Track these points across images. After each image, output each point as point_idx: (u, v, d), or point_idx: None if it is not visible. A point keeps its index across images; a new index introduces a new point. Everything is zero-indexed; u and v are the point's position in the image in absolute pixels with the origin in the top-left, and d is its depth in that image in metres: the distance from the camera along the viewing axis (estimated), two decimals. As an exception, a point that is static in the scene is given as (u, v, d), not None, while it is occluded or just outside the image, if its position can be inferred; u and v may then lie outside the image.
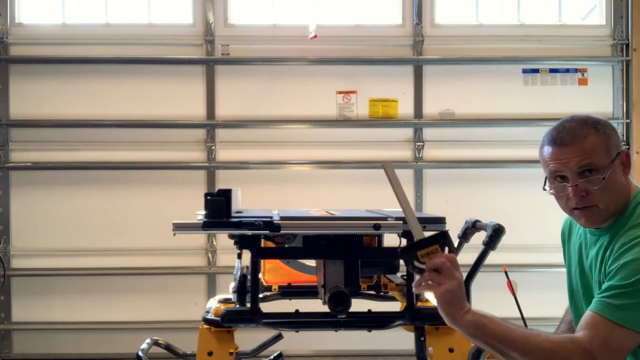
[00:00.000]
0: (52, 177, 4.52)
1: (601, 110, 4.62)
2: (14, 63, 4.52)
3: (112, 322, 4.49)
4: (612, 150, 1.65)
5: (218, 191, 2.20)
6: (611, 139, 1.66)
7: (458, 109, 4.60)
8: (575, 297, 1.87)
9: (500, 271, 2.22)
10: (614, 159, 1.64)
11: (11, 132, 4.53)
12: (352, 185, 4.55)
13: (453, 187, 4.58)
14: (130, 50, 4.52)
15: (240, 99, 4.56)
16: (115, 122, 4.50)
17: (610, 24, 4.65)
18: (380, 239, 2.48)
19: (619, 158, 1.66)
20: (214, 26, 4.55)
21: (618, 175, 1.66)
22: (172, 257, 4.50)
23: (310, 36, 4.40)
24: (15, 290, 4.52)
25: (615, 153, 1.65)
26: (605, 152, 1.64)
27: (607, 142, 1.65)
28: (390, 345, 4.39)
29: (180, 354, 2.71)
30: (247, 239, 2.21)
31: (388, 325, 2.27)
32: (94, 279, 4.51)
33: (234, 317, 2.23)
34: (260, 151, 4.55)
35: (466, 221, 2.42)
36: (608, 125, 1.68)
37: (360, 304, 2.41)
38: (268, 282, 2.65)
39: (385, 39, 4.62)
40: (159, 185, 4.54)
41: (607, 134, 1.66)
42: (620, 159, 1.66)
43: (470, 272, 2.36)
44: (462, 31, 4.64)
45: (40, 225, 4.51)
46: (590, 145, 1.63)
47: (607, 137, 1.65)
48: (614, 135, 1.68)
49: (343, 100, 4.58)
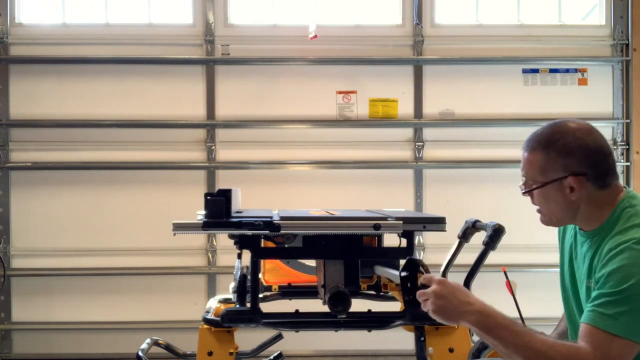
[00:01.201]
0: (52, 177, 4.52)
1: (601, 110, 4.63)
2: (14, 63, 4.52)
3: (112, 322, 4.49)
4: (549, 173, 1.69)
5: (218, 191, 2.20)
6: (554, 164, 1.68)
7: (458, 109, 4.60)
8: (566, 294, 1.89)
9: (500, 271, 2.22)
10: (548, 182, 1.69)
11: (11, 132, 4.53)
12: (352, 185, 4.55)
13: (453, 187, 4.58)
14: (130, 50, 4.52)
15: (240, 99, 4.56)
16: (115, 122, 4.50)
17: (610, 24, 4.65)
18: (380, 239, 2.48)
19: (560, 183, 1.68)
20: (214, 26, 4.55)
21: (556, 197, 1.70)
22: (172, 257, 4.50)
23: (310, 36, 4.40)
24: (15, 290, 4.52)
25: (555, 178, 1.69)
26: (539, 172, 1.71)
27: (547, 165, 1.70)
28: (390, 345, 4.39)
29: (180, 354, 2.72)
30: (247, 239, 2.21)
31: (388, 325, 2.28)
32: (94, 279, 4.51)
33: (234, 317, 2.23)
34: (260, 151, 4.55)
35: (466, 221, 2.42)
36: (565, 148, 1.68)
37: (360, 304, 2.41)
38: (268, 282, 2.65)
39: (385, 39, 4.62)
40: (159, 185, 4.54)
41: (551, 157, 1.69)
42: (561, 184, 1.69)
43: (470, 272, 2.36)
44: (462, 31, 4.64)
45: (40, 225, 4.51)
46: (530, 159, 1.74)
47: (550, 160, 1.69)
48: (566, 159, 1.67)
49: (343, 100, 4.58)
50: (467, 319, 1.67)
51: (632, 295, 1.52)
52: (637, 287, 1.52)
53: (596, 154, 1.68)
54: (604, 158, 1.69)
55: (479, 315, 1.65)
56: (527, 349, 1.58)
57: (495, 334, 1.63)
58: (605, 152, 1.70)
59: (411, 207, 4.54)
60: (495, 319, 1.64)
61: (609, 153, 1.72)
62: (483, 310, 1.66)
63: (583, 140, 1.68)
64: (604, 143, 1.72)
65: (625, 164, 4.58)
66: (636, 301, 1.52)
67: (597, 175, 1.68)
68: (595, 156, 1.68)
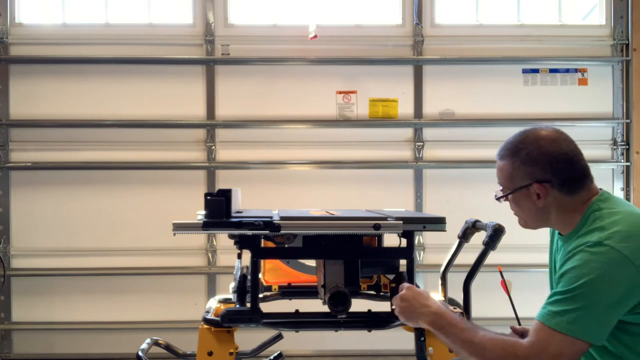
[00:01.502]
0: (52, 177, 4.52)
1: (601, 110, 4.63)
2: (14, 63, 4.53)
3: (112, 322, 4.50)
4: (516, 180, 1.78)
5: (218, 191, 2.20)
6: (519, 172, 1.77)
7: (458, 109, 4.61)
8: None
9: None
10: (516, 189, 1.78)
11: (11, 132, 4.53)
12: (352, 185, 4.55)
13: (453, 187, 4.58)
14: (130, 50, 4.52)
15: (240, 99, 4.56)
16: (115, 122, 4.50)
17: (610, 24, 4.65)
18: (380, 239, 2.48)
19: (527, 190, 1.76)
20: (214, 26, 4.55)
21: (525, 202, 1.79)
22: (172, 257, 4.50)
23: (310, 36, 4.40)
24: (15, 290, 4.52)
25: (521, 185, 1.77)
26: (508, 180, 1.81)
27: (514, 173, 1.79)
28: (390, 345, 4.39)
29: (180, 354, 2.71)
30: (247, 239, 2.21)
31: (388, 325, 2.27)
32: (94, 279, 4.51)
33: (234, 317, 2.23)
34: (260, 151, 4.55)
35: (466, 221, 2.42)
36: (528, 157, 1.75)
37: (360, 304, 2.41)
38: (268, 282, 2.65)
39: (385, 39, 4.62)
40: (159, 185, 4.54)
41: (516, 166, 1.78)
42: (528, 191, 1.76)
43: (470, 272, 2.36)
44: (462, 31, 4.64)
45: (40, 225, 4.51)
46: (500, 167, 1.84)
47: (515, 169, 1.78)
48: (529, 168, 1.75)
49: (343, 100, 4.58)
50: (423, 319, 1.82)
51: (579, 295, 1.57)
52: (584, 287, 1.57)
53: (559, 162, 1.74)
54: (568, 165, 1.74)
55: (433, 315, 1.80)
56: (470, 343, 1.69)
57: (446, 331, 1.76)
58: (571, 160, 1.75)
59: (411, 207, 4.54)
60: (446, 318, 1.77)
61: (577, 160, 1.76)
62: (437, 311, 1.80)
63: (546, 149, 1.74)
64: (570, 151, 1.76)
65: (625, 164, 4.59)
66: (582, 300, 1.56)
67: (562, 182, 1.74)
68: (559, 164, 1.74)
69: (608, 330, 1.59)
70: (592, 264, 1.58)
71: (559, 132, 1.80)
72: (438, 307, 1.82)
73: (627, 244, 1.59)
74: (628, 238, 1.60)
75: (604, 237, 1.61)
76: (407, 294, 1.89)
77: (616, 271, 1.57)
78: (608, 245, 1.59)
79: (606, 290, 1.56)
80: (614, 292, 1.56)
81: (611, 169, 4.62)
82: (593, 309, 1.56)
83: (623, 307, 1.58)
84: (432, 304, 1.83)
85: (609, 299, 1.56)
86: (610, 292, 1.56)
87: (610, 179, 4.62)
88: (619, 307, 1.58)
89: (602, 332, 1.59)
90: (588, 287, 1.57)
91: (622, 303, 1.58)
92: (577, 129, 4.62)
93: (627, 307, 1.59)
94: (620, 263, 1.57)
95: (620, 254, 1.58)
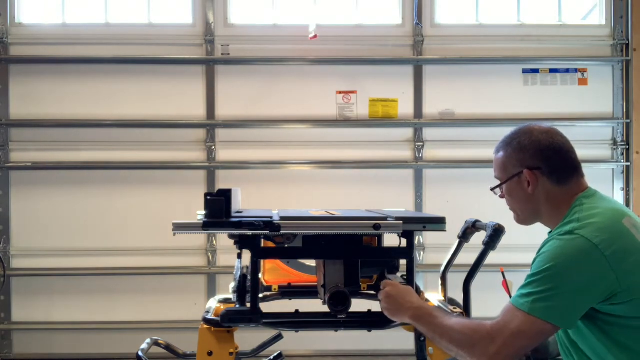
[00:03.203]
0: (52, 177, 4.52)
1: (601, 110, 4.63)
2: (14, 63, 4.53)
3: (112, 322, 4.50)
4: (509, 169, 1.86)
5: (218, 191, 2.19)
6: (512, 160, 1.85)
7: (458, 109, 4.61)
8: None
9: (499, 272, 2.22)
10: (510, 177, 1.85)
11: (11, 132, 4.53)
12: (352, 185, 4.55)
13: (453, 187, 4.58)
14: (130, 50, 4.52)
15: (240, 99, 4.56)
16: (116, 122, 4.50)
17: (610, 24, 4.65)
18: (380, 239, 2.48)
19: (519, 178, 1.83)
20: (214, 26, 4.55)
21: (517, 192, 1.85)
22: (172, 257, 4.50)
23: (310, 36, 4.40)
24: (15, 290, 4.52)
25: (514, 173, 1.84)
26: (503, 171, 1.89)
27: (507, 162, 1.87)
28: (390, 345, 4.39)
29: (180, 354, 2.71)
30: (247, 239, 2.20)
31: (388, 325, 2.27)
32: (94, 279, 4.51)
33: (234, 317, 2.23)
34: (260, 151, 4.55)
35: (466, 221, 2.42)
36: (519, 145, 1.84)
37: (360, 304, 2.41)
38: (268, 282, 2.65)
39: (385, 39, 4.62)
40: (159, 185, 4.54)
41: (509, 154, 1.86)
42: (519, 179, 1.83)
43: (470, 272, 2.36)
44: (462, 31, 4.64)
45: (40, 225, 4.51)
46: (496, 160, 1.92)
47: (508, 157, 1.86)
48: (520, 155, 1.83)
49: (343, 100, 4.58)
50: (406, 314, 1.93)
51: (544, 278, 1.63)
52: (550, 271, 1.63)
53: (549, 150, 1.80)
54: (557, 154, 1.81)
55: (415, 310, 1.91)
56: (442, 329, 1.80)
57: (424, 321, 1.87)
58: (561, 149, 1.81)
59: (411, 207, 4.54)
60: (426, 311, 1.88)
61: (566, 151, 1.82)
62: (419, 307, 1.91)
63: (537, 137, 1.82)
64: (562, 143, 1.82)
65: (626, 164, 4.59)
66: (546, 284, 1.62)
67: (551, 170, 1.80)
68: (548, 152, 1.80)
69: (573, 315, 1.63)
70: (560, 250, 1.64)
71: (553, 128, 1.87)
72: (420, 303, 1.93)
73: (598, 234, 1.63)
74: (601, 229, 1.64)
75: (577, 227, 1.66)
76: (391, 291, 2.00)
77: (583, 259, 1.61)
78: (578, 234, 1.64)
79: (571, 275, 1.61)
80: (579, 279, 1.60)
81: (611, 169, 4.62)
82: (556, 292, 1.61)
83: (591, 294, 1.61)
84: (415, 301, 1.94)
85: (574, 284, 1.60)
86: (575, 278, 1.61)
87: (610, 179, 4.62)
88: (585, 294, 1.61)
89: (564, 315, 1.62)
90: (553, 271, 1.62)
91: (589, 290, 1.61)
92: (577, 129, 4.62)
93: (597, 296, 1.61)
94: (588, 251, 1.61)
95: (590, 242, 1.62)
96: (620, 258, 1.61)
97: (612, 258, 1.60)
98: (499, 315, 1.71)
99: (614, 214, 1.70)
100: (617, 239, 1.63)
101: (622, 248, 1.62)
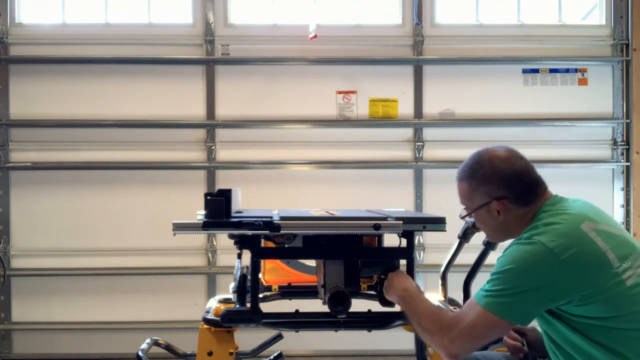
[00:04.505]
0: (52, 177, 4.52)
1: (601, 110, 4.63)
2: (14, 63, 4.52)
3: (112, 322, 4.49)
4: (476, 200, 1.94)
5: (218, 191, 2.19)
6: (478, 192, 1.92)
7: (458, 109, 4.61)
8: None
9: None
10: (477, 207, 1.94)
11: (11, 132, 4.53)
12: (352, 185, 4.55)
13: (453, 187, 4.55)
14: (130, 50, 4.52)
15: (240, 99, 4.56)
16: (115, 122, 4.50)
17: (610, 24, 4.65)
18: (380, 239, 2.48)
19: (488, 207, 1.91)
20: (214, 26, 4.55)
21: (488, 219, 1.94)
22: (172, 257, 4.50)
23: (310, 36, 4.40)
24: (15, 290, 4.52)
25: (481, 203, 1.92)
26: (469, 200, 1.97)
27: (473, 193, 1.95)
28: (390, 345, 4.39)
29: (180, 354, 2.71)
30: (247, 239, 2.21)
31: (388, 325, 2.27)
32: (94, 279, 4.51)
33: (234, 317, 2.23)
34: (260, 151, 4.55)
35: (466, 221, 2.42)
36: (483, 177, 1.91)
37: (360, 304, 2.41)
38: (268, 282, 2.65)
39: (385, 39, 4.62)
40: (159, 185, 4.54)
41: (474, 187, 1.93)
42: (488, 208, 1.91)
43: (470, 272, 2.37)
44: (462, 31, 4.64)
45: (40, 225, 4.51)
46: (460, 188, 2.00)
47: (473, 189, 1.94)
48: (486, 187, 1.90)
49: (343, 100, 4.58)
50: (396, 293, 2.07)
51: (503, 278, 1.74)
52: (507, 273, 1.74)
53: (512, 177, 1.89)
54: (520, 179, 1.89)
55: (403, 291, 2.05)
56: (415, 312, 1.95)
57: (406, 303, 2.01)
58: (523, 174, 1.90)
59: (411, 207, 4.54)
60: (410, 292, 2.02)
61: (528, 173, 1.91)
62: (406, 288, 2.05)
63: (498, 167, 1.90)
64: (522, 166, 1.91)
65: (626, 164, 4.58)
66: (505, 283, 1.73)
67: (517, 196, 1.88)
68: (512, 180, 1.89)
69: (525, 313, 1.74)
70: (519, 254, 1.75)
71: (509, 150, 1.95)
72: (411, 286, 2.07)
73: (554, 239, 1.72)
74: (558, 235, 1.73)
75: (535, 233, 1.77)
76: (392, 274, 2.17)
77: (539, 263, 1.71)
78: (536, 240, 1.74)
79: (526, 277, 1.71)
80: (533, 281, 1.71)
81: (611, 169, 4.62)
82: (512, 292, 1.72)
83: (545, 296, 1.71)
84: (407, 284, 2.08)
85: (528, 285, 1.71)
86: (530, 280, 1.71)
87: (610, 179, 4.62)
88: (538, 295, 1.71)
89: (517, 313, 1.73)
90: (510, 273, 1.73)
91: (542, 292, 1.71)
92: (577, 129, 4.62)
93: (553, 297, 1.72)
94: (544, 256, 1.71)
95: (545, 247, 1.71)
96: (577, 262, 1.70)
97: (568, 262, 1.69)
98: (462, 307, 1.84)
99: (574, 218, 1.78)
100: (574, 243, 1.72)
101: (579, 252, 1.71)
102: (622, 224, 4.60)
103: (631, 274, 1.73)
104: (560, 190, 1.97)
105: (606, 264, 1.71)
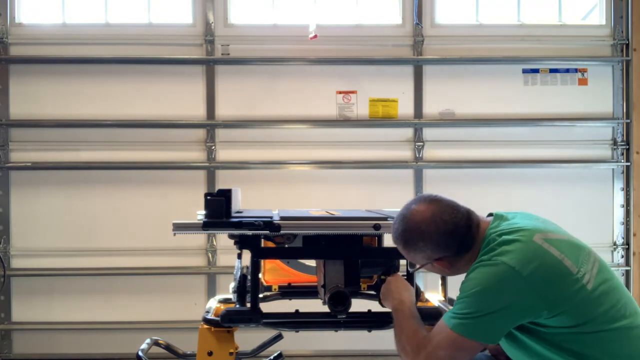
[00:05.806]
0: (52, 177, 4.52)
1: (601, 110, 4.63)
2: (14, 63, 4.52)
3: (112, 322, 4.49)
4: (418, 260, 1.95)
5: (218, 191, 2.20)
6: (417, 257, 1.94)
7: (458, 109, 4.61)
8: None
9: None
10: (422, 265, 1.95)
11: (11, 132, 4.53)
12: (352, 185, 4.55)
13: (453, 187, 4.57)
14: (130, 50, 4.52)
15: (240, 99, 4.56)
16: (115, 122, 4.50)
17: (610, 24, 4.65)
18: (380, 239, 2.48)
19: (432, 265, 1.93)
20: (214, 26, 4.55)
21: (439, 270, 1.97)
22: (172, 257, 4.50)
23: (310, 36, 4.40)
24: (15, 290, 4.52)
25: (423, 264, 1.94)
26: (411, 259, 1.98)
27: (413, 257, 1.96)
28: (390, 345, 4.35)
29: (180, 354, 2.71)
30: (247, 239, 2.21)
31: (388, 325, 2.27)
32: (94, 279, 4.51)
33: (234, 317, 2.23)
34: (260, 151, 4.55)
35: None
36: (416, 247, 1.90)
37: (360, 304, 2.41)
38: (268, 282, 2.65)
39: (385, 39, 4.62)
40: (159, 185, 4.54)
41: (411, 255, 1.95)
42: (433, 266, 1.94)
43: (470, 272, 2.35)
44: (462, 31, 4.64)
45: (40, 225, 4.51)
46: (401, 251, 1.97)
47: (412, 256, 1.95)
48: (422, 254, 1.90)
49: (343, 100, 4.58)
50: (391, 303, 2.09)
51: (469, 301, 1.76)
52: (473, 297, 1.75)
53: (443, 239, 1.87)
54: (452, 237, 1.87)
55: (398, 302, 2.06)
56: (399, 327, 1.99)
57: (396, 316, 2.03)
58: (452, 231, 1.86)
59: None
60: (403, 307, 2.03)
61: (456, 224, 1.87)
62: (401, 301, 2.06)
63: (427, 233, 1.87)
64: (448, 222, 1.87)
65: (626, 164, 4.58)
66: (471, 306, 1.75)
67: (456, 251, 1.89)
68: (445, 241, 1.87)
69: (495, 333, 1.76)
70: (484, 276, 1.75)
71: (432, 203, 1.91)
72: (408, 299, 2.07)
73: (515, 257, 1.73)
74: (518, 252, 1.74)
75: (494, 254, 1.77)
76: (392, 280, 2.17)
77: (504, 283, 1.73)
78: (498, 261, 1.75)
79: (493, 299, 1.73)
80: (500, 302, 1.72)
81: (611, 169, 4.62)
82: (479, 315, 1.74)
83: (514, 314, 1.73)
84: (404, 296, 2.08)
85: (496, 307, 1.73)
86: (497, 302, 1.73)
87: (610, 179, 4.62)
88: (507, 314, 1.73)
89: (486, 334, 1.76)
90: (476, 297, 1.75)
91: (511, 311, 1.72)
92: (577, 129, 4.62)
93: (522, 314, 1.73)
94: (507, 275, 1.72)
95: (508, 266, 1.73)
96: (539, 276, 1.71)
97: (531, 277, 1.71)
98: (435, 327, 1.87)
99: (527, 233, 1.79)
100: (532, 258, 1.73)
101: (540, 266, 1.72)
102: (622, 224, 4.60)
103: (589, 277, 1.74)
104: (560, 190, 1.98)
105: (566, 273, 1.73)
